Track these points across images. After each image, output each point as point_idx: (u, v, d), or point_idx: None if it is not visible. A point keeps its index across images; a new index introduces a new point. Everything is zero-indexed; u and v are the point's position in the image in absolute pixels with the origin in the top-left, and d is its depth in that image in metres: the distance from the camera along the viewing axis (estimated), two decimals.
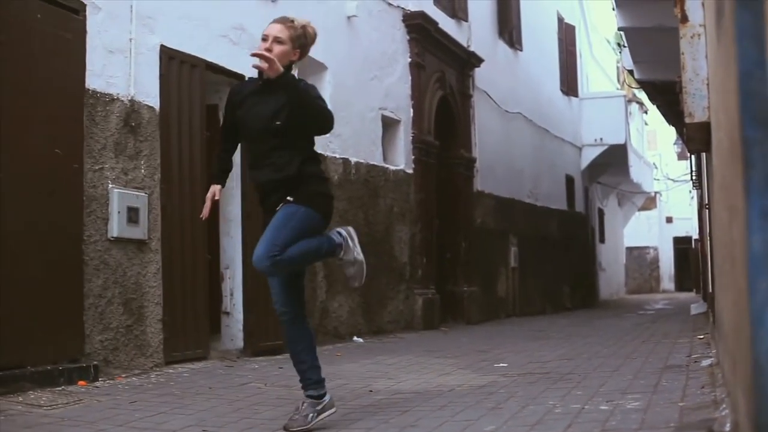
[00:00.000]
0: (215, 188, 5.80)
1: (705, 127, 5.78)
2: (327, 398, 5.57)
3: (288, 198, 5.44)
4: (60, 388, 7.30)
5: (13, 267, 7.26)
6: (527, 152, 22.08)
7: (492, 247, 19.32)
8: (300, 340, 5.56)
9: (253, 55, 5.25)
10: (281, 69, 5.18)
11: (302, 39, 5.56)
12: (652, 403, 5.72)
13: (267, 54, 5.20)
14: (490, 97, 19.50)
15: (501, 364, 8.86)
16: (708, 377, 6.75)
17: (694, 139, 6.21)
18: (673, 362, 8.30)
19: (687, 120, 5.80)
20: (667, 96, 15.21)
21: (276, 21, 5.54)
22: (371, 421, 5.71)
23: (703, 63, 5.70)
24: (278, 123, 5.38)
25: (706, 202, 11.84)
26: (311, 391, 5.52)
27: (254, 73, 5.63)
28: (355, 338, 12.62)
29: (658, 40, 12.23)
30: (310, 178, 5.51)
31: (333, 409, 5.60)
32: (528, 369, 8.36)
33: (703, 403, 5.51)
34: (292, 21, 5.54)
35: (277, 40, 5.41)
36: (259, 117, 5.49)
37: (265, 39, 5.45)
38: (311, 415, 5.42)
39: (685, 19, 5.83)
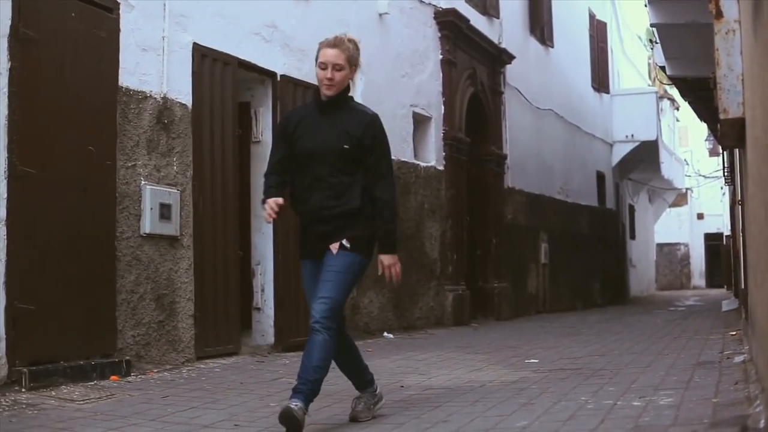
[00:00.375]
0: (275, 199, 5.52)
1: (739, 123, 5.75)
2: (379, 390, 5.89)
3: (344, 242, 5.43)
4: (93, 383, 7.36)
5: (46, 263, 7.32)
6: (558, 149, 22.01)
7: (522, 244, 19.28)
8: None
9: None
10: None
11: (355, 56, 5.54)
12: (685, 400, 5.70)
13: None
14: (521, 93, 19.45)
15: (532, 360, 8.84)
16: (741, 374, 6.71)
17: (728, 135, 6.18)
18: (706, 359, 8.27)
19: (721, 116, 5.77)
20: (699, 92, 15.14)
21: (329, 46, 5.48)
22: (403, 417, 5.72)
23: (738, 59, 5.67)
24: (346, 147, 5.38)
25: (740, 198, 11.77)
26: (368, 387, 5.79)
27: (288, 70, 5.61)
28: (385, 334, 12.63)
29: (690, 37, 12.17)
30: (367, 215, 5.50)
31: (383, 400, 5.93)
32: (559, 365, 8.35)
33: (736, 399, 5.49)
34: (343, 42, 5.50)
35: (337, 68, 5.40)
36: (322, 138, 5.45)
37: (324, 67, 5.41)
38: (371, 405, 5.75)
39: (719, 14, 5.79)
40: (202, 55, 9.38)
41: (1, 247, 6.95)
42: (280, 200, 5.48)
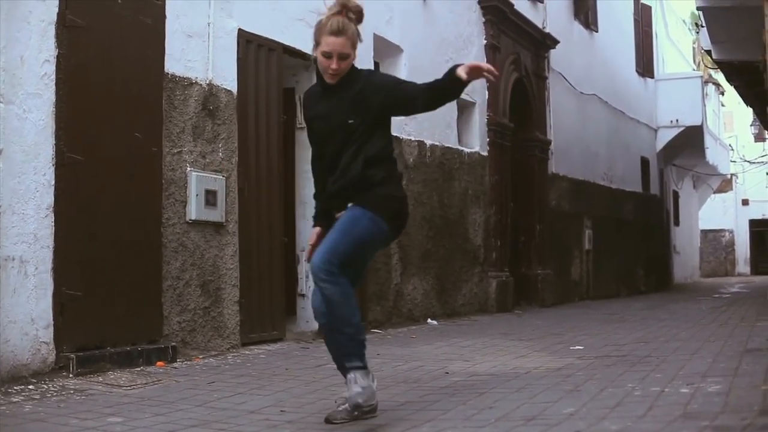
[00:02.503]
0: (316, 230, 5.40)
1: None
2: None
3: (349, 206, 5.16)
4: (139, 369, 7.42)
5: (94, 249, 7.37)
6: (602, 134, 21.88)
7: (566, 230, 19.21)
8: None
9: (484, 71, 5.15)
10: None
11: (357, 36, 5.21)
12: (733, 387, 5.66)
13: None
14: (565, 78, 19.35)
15: (577, 347, 8.81)
16: None
17: None
18: (753, 346, 8.20)
19: None
20: (745, 76, 15.04)
21: (333, 33, 5.09)
22: (448, 403, 5.71)
23: None
24: (351, 121, 5.11)
25: None
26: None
27: None
28: (429, 321, 12.63)
29: (737, 20, 12.06)
30: (376, 181, 5.15)
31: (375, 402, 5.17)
32: (604, 352, 8.31)
33: None
34: (348, 27, 5.13)
35: (343, 56, 5.09)
36: (329, 118, 5.23)
37: (328, 56, 5.10)
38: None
39: None
40: (247, 41, 9.39)
41: (49, 233, 7.01)
42: (313, 240, 5.34)
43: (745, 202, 47.93)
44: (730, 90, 24.49)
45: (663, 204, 28.53)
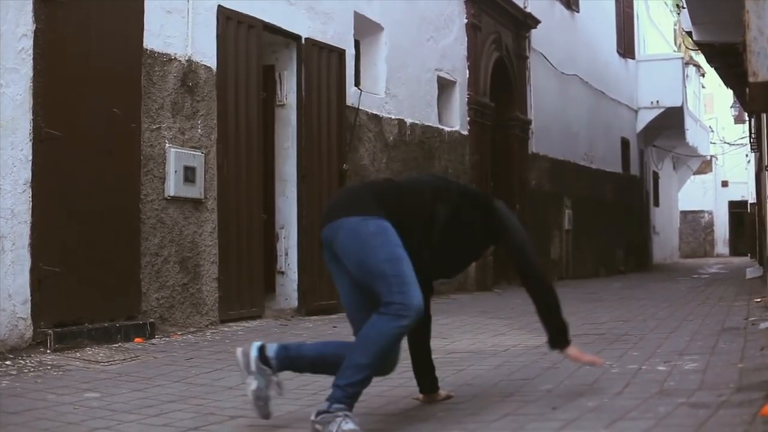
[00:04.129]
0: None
1: None
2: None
3: None
4: (117, 345, 7.41)
5: (71, 225, 7.35)
6: (583, 114, 21.89)
7: (546, 210, 19.23)
8: None
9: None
10: None
11: None
12: (710, 365, 5.69)
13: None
14: (546, 58, 19.33)
15: None
16: (766, 339, 6.69)
17: (757, 99, 6.11)
18: (731, 325, 8.24)
19: (750, 79, 5.70)
20: (726, 58, 15.02)
21: None
22: None
23: None
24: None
25: (766, 164, 11.70)
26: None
27: (313, 33, 5.40)
28: None
29: (719, 1, 12.04)
30: None
31: None
32: (583, 330, 8.32)
33: (762, 364, 5.48)
34: None
35: None
36: None
37: None
38: None
39: None
40: (227, 18, 9.35)
41: (27, 209, 6.98)
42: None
43: (724, 184, 48.10)
44: (710, 72, 24.50)
45: (643, 185, 28.60)
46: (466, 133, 15.05)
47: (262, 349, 4.45)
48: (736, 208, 46.84)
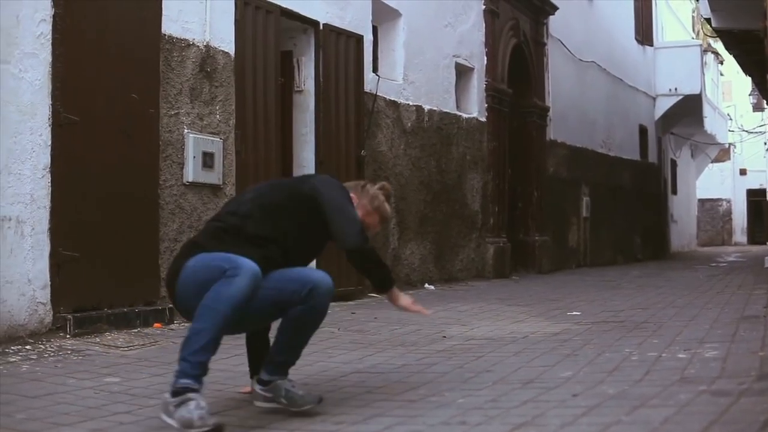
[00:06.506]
0: None
1: None
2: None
3: None
4: (136, 330, 7.43)
5: (90, 210, 7.36)
6: (601, 101, 21.81)
7: (564, 197, 19.19)
8: None
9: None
10: None
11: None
12: (730, 352, 5.66)
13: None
14: (564, 45, 19.26)
15: (574, 313, 8.80)
16: None
17: None
18: (750, 313, 8.20)
19: None
20: (744, 45, 14.97)
21: (386, 220, 5.20)
22: (446, 366, 5.71)
23: None
24: None
25: None
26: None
27: (331, 19, 5.36)
28: (426, 285, 12.63)
29: None
30: None
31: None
32: (602, 318, 8.31)
33: None
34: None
35: None
36: None
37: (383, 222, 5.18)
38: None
39: None
40: (245, 3, 9.32)
41: (46, 194, 6.99)
42: None
43: (742, 172, 47.91)
44: (729, 59, 24.42)
45: (661, 172, 28.49)
46: (483, 119, 15.00)
47: (259, 382, 4.69)
48: (755, 196, 46.71)
